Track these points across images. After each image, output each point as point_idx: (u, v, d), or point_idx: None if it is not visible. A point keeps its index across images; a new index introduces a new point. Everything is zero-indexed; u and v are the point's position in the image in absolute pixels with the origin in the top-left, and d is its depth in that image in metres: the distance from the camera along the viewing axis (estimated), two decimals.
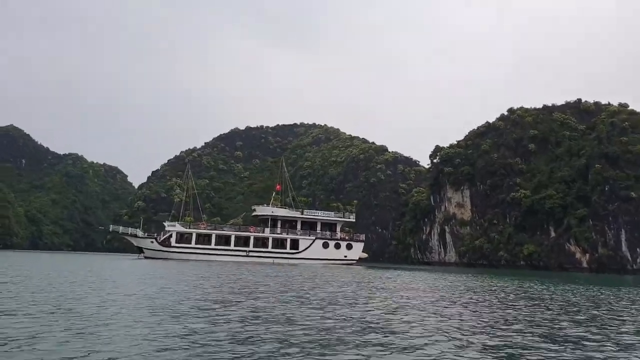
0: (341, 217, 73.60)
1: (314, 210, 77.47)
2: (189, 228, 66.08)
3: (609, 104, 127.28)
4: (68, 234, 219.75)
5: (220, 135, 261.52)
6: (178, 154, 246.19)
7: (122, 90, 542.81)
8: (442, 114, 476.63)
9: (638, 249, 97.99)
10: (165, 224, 66.41)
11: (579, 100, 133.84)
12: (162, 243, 62.69)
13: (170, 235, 63.16)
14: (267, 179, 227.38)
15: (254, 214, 74.72)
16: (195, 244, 63.35)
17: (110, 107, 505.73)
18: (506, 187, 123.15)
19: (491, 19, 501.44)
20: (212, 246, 63.64)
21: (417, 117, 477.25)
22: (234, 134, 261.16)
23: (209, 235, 64.78)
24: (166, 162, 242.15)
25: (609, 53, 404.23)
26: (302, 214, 71.13)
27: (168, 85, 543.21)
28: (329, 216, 73.17)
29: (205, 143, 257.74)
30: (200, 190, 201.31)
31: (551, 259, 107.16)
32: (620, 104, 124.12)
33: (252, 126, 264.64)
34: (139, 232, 66.34)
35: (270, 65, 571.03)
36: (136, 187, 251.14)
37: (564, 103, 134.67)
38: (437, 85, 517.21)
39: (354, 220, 75.04)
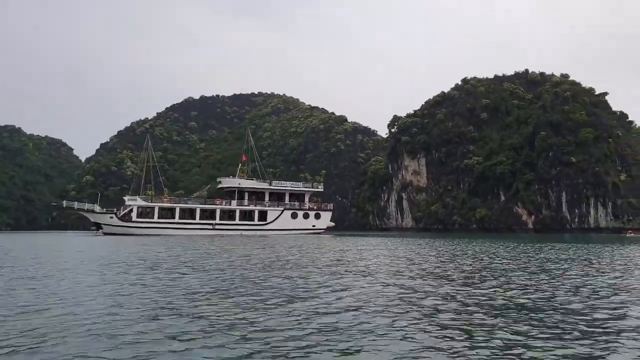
0: (309, 188, 74.37)
1: (282, 181, 77.87)
2: (151, 202, 64.03)
3: (553, 74, 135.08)
4: (7, 212, 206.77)
5: (174, 105, 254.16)
6: (129, 125, 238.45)
7: (68, 59, 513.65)
8: (398, 84, 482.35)
9: (576, 210, 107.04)
10: (126, 198, 64.16)
11: (527, 70, 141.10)
12: (122, 218, 60.67)
13: (131, 210, 61.19)
14: (224, 150, 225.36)
15: (219, 186, 73.18)
16: (158, 218, 61.70)
17: (53, 77, 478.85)
18: (460, 154, 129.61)
19: None
20: (176, 220, 62.39)
21: (374, 87, 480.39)
22: (188, 103, 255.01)
23: (173, 209, 63.22)
24: (116, 134, 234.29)
25: (555, 27, 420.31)
26: (270, 185, 70.90)
27: (115, 54, 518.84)
28: (297, 187, 73.75)
29: (157, 114, 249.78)
30: (153, 163, 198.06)
31: (501, 222, 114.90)
32: (562, 75, 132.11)
33: (207, 95, 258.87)
34: (97, 207, 63.04)
35: (227, 33, 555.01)
36: (83, 160, 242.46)
37: (513, 73, 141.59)
38: (391, 54, 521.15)
39: (322, 190, 76.36)
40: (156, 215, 62.31)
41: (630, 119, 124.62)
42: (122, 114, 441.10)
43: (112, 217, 61.34)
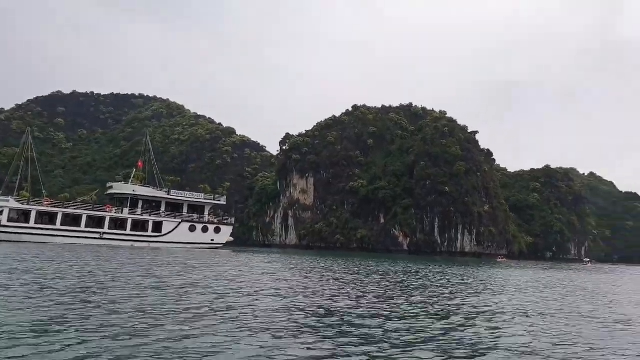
0: (211, 200, 70.82)
1: (181, 191, 73.25)
2: (27, 204, 57.06)
3: (433, 110, 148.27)
4: None
5: (38, 97, 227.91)
6: None
7: None
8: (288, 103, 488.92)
9: (446, 235, 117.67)
10: None
11: (411, 104, 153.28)
12: None
13: (1, 212, 54.11)
14: (94, 152, 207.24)
15: (109, 191, 67.18)
16: (35, 223, 55.36)
17: None
18: (346, 176, 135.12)
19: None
20: (58, 226, 56.47)
21: (266, 103, 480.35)
22: (56, 98, 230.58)
23: (54, 214, 57.12)
24: None
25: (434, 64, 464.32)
26: (167, 194, 66.53)
27: None
28: (198, 198, 69.70)
29: (16, 105, 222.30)
30: (6, 161, 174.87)
31: (379, 243, 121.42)
32: (440, 111, 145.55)
33: (80, 91, 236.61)
34: None
35: (113, 28, 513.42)
36: None
37: (398, 105, 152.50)
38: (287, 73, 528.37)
39: (225, 203, 73.75)
40: (33, 220, 55.38)
41: (493, 157, 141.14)
42: None
43: None
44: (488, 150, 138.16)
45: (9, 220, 54.02)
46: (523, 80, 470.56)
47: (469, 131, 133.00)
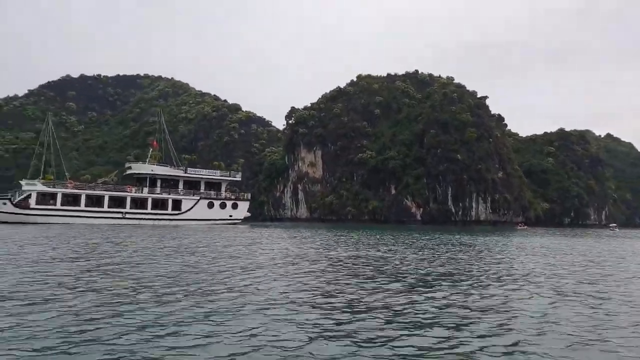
0: (227, 176, 71.26)
1: (198, 169, 73.64)
2: (53, 187, 58.35)
3: (440, 76, 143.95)
4: None
5: (49, 82, 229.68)
6: None
7: None
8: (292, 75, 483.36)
9: (460, 203, 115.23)
10: (23, 182, 57.96)
11: (417, 71, 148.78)
12: (18, 205, 54.75)
13: (29, 196, 55.45)
14: (105, 134, 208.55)
15: (128, 172, 68.27)
16: (61, 205, 56.67)
17: None
18: (354, 148, 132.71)
19: None
20: (82, 207, 57.69)
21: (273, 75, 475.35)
22: (66, 82, 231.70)
23: (78, 196, 58.31)
24: None
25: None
26: (185, 172, 67.27)
27: None
28: (214, 175, 70.26)
29: (29, 91, 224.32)
30: (25, 146, 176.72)
31: (391, 214, 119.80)
32: (448, 77, 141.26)
33: (87, 75, 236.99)
34: None
35: (111, 7, 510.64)
36: None
37: (404, 73, 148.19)
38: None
39: (240, 179, 74.13)
40: (59, 202, 56.78)
41: (505, 122, 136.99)
42: None
43: (5, 204, 54.89)
44: (499, 115, 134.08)
45: (37, 203, 55.54)
46: (522, 40, 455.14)
47: (478, 96, 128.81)
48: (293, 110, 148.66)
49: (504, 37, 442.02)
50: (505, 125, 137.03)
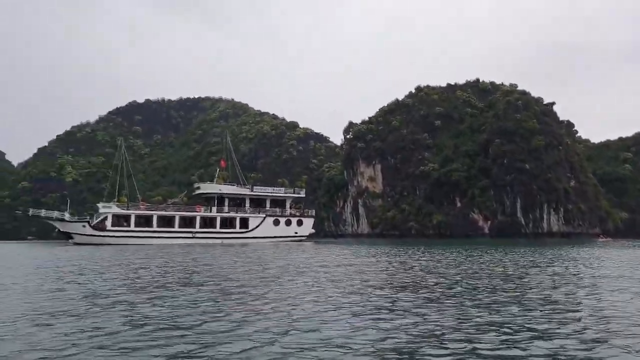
0: (291, 193, 72.46)
1: (264, 187, 74.93)
2: (127, 209, 60.90)
3: (502, 84, 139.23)
4: None
5: (117, 108, 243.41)
6: (69, 129, 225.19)
7: None
8: (348, 88, 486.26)
9: (530, 215, 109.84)
10: (99, 205, 60.89)
11: (478, 79, 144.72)
12: (95, 227, 57.44)
13: (105, 218, 58.10)
14: (169, 155, 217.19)
15: (197, 192, 70.70)
16: (135, 226, 58.80)
17: None
18: (415, 161, 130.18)
19: None
20: (154, 228, 59.53)
21: (324, 92, 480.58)
22: (132, 107, 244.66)
23: (150, 217, 60.38)
24: (55, 138, 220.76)
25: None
26: (251, 190, 68.58)
27: (50, 54, 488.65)
28: (279, 192, 71.53)
29: (99, 117, 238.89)
30: (96, 169, 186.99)
31: (457, 227, 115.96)
32: (511, 84, 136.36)
33: (152, 99, 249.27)
34: (67, 216, 59.65)
35: (168, 34, 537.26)
36: (15, 166, 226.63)
37: (464, 82, 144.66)
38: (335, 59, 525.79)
39: (304, 195, 74.93)
40: (132, 223, 59.40)
41: (575, 128, 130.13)
42: (62, 117, 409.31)
43: (84, 226, 58.01)
44: (568, 121, 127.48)
45: (112, 225, 58.24)
46: (583, 42, 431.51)
47: (544, 103, 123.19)
48: (351, 124, 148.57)
49: (576, 38, 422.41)
50: (576, 131, 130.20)
